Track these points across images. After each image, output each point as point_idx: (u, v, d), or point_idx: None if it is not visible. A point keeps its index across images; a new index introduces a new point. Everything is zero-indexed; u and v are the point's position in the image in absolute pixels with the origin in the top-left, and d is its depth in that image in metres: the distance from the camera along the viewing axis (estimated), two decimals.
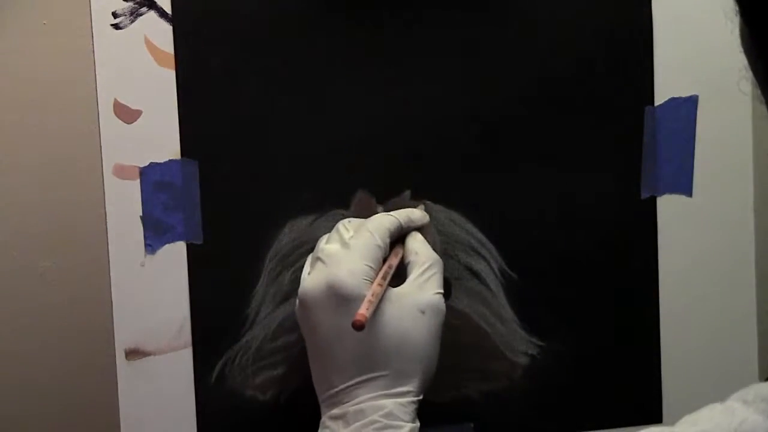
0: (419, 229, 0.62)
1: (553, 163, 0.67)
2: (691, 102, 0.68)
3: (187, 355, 0.63)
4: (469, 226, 0.66)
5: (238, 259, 0.64)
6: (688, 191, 0.69)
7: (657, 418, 0.69)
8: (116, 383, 0.63)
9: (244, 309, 0.64)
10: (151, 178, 0.63)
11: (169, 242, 0.63)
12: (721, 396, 0.43)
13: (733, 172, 0.69)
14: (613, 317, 0.68)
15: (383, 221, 0.60)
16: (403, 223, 0.61)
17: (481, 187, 0.66)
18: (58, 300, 0.62)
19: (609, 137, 0.67)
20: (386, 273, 0.57)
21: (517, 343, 0.67)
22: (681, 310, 0.69)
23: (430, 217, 0.64)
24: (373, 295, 0.55)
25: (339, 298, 0.55)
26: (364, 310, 0.53)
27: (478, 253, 0.66)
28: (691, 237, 0.69)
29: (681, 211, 0.69)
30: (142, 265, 0.63)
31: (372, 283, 0.56)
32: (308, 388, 0.64)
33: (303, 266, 0.64)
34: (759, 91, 0.43)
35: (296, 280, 0.64)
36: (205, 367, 0.64)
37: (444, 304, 0.58)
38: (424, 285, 0.57)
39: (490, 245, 0.66)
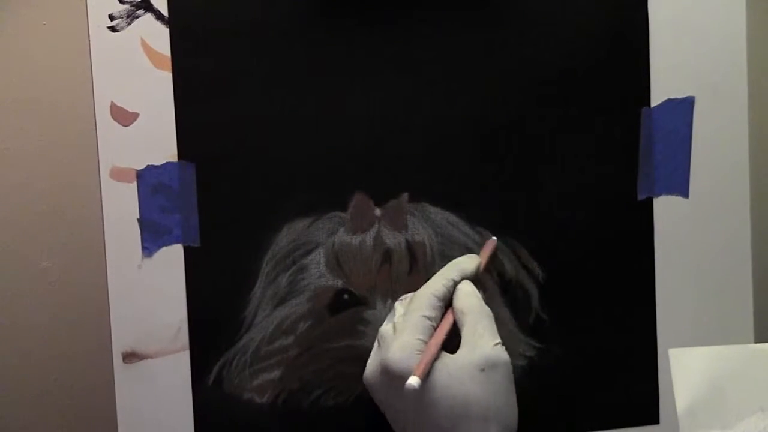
0: (476, 274, 0.62)
1: (550, 165, 0.67)
2: (687, 103, 0.68)
3: (184, 358, 0.63)
4: (467, 228, 0.66)
5: (235, 262, 0.64)
6: (684, 192, 0.69)
7: (654, 420, 0.69)
8: (113, 386, 0.63)
9: (242, 312, 0.64)
10: (148, 180, 0.62)
11: (166, 245, 0.63)
12: None
13: (729, 174, 0.69)
14: (610, 319, 0.68)
15: (428, 290, 0.59)
16: (456, 279, 0.60)
17: (478, 189, 0.66)
18: (55, 302, 0.62)
19: (605, 139, 0.67)
20: (439, 335, 0.57)
21: (514, 345, 0.66)
22: (678, 312, 0.69)
23: (433, 222, 0.65)
24: (426, 356, 0.55)
25: (392, 376, 0.56)
26: (417, 371, 0.54)
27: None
28: (688, 238, 0.69)
29: (677, 212, 0.69)
30: (140, 268, 0.63)
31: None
32: (305, 391, 0.64)
33: (300, 268, 0.64)
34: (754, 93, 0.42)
35: (293, 282, 0.64)
36: (203, 369, 0.64)
37: (505, 354, 0.57)
38: (477, 342, 0.57)
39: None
